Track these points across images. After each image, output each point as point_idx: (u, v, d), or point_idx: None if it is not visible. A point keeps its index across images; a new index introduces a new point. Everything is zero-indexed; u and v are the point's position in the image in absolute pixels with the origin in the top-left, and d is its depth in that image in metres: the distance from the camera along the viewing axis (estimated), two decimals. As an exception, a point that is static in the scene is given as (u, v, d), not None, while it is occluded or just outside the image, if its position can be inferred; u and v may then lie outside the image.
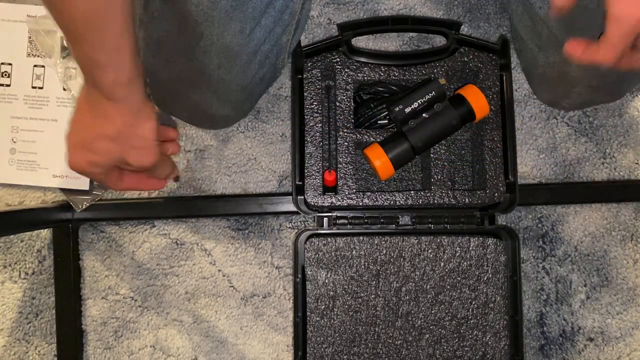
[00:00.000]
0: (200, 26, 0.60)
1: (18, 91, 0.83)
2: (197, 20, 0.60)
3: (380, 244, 0.74)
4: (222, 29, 0.61)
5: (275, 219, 0.83)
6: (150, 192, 0.84)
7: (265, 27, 0.64)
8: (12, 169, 0.83)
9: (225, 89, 0.68)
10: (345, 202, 0.74)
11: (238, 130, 0.84)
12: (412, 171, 0.78)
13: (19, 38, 0.83)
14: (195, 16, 0.59)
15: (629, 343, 0.82)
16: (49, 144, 0.82)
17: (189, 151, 0.84)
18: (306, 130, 0.74)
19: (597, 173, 0.83)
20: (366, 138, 0.74)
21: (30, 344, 0.84)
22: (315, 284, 0.74)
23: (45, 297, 0.84)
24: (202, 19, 0.60)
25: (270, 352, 0.83)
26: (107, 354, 0.83)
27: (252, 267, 0.83)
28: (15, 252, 0.84)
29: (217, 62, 0.64)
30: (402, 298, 0.74)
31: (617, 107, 0.84)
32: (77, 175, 0.82)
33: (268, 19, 0.64)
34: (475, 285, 0.74)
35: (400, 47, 0.84)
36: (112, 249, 0.84)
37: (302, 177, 0.74)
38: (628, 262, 0.83)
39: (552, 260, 0.82)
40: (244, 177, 0.84)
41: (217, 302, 0.83)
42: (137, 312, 0.83)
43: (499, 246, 0.74)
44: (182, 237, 0.84)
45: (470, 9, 0.84)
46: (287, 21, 0.67)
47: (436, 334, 0.74)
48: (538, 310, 0.82)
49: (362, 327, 0.74)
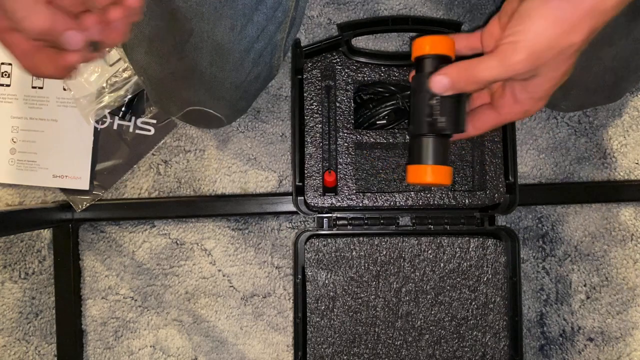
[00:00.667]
0: (190, 22, 0.60)
1: (18, 91, 0.83)
2: (187, 16, 0.60)
3: (380, 244, 0.74)
4: (212, 26, 0.61)
5: (275, 219, 0.83)
6: (150, 192, 0.84)
7: (257, 24, 0.64)
8: (12, 169, 0.83)
9: (218, 87, 0.68)
10: (345, 203, 0.74)
11: (238, 130, 0.84)
12: (412, 171, 0.78)
13: (18, 38, 0.82)
14: (185, 12, 0.59)
15: (629, 343, 0.82)
16: (49, 144, 0.82)
17: (189, 151, 0.84)
18: (306, 130, 0.74)
19: (597, 173, 0.83)
20: (366, 138, 0.74)
21: (30, 344, 0.84)
22: (315, 284, 0.74)
23: (45, 297, 0.84)
24: (192, 15, 0.60)
25: (270, 352, 0.83)
26: (107, 354, 0.83)
27: (252, 267, 0.83)
28: (15, 252, 0.84)
29: (209, 59, 0.64)
30: (402, 299, 0.75)
31: (617, 107, 0.83)
32: (78, 175, 0.83)
33: (260, 15, 0.63)
34: (475, 285, 0.74)
35: (400, 47, 0.83)
36: (112, 249, 0.84)
37: (302, 178, 0.74)
38: (628, 262, 0.83)
39: (552, 260, 0.83)
40: (244, 177, 0.84)
41: (217, 302, 0.83)
42: (137, 312, 0.83)
43: (499, 247, 0.74)
44: (182, 237, 0.84)
45: (470, 9, 0.83)
46: (280, 19, 0.67)
47: (436, 334, 0.75)
48: (538, 310, 0.82)
49: (362, 328, 0.74)
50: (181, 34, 0.61)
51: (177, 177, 0.84)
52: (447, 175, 0.59)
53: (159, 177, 0.84)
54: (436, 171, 0.58)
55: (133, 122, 0.83)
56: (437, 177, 0.58)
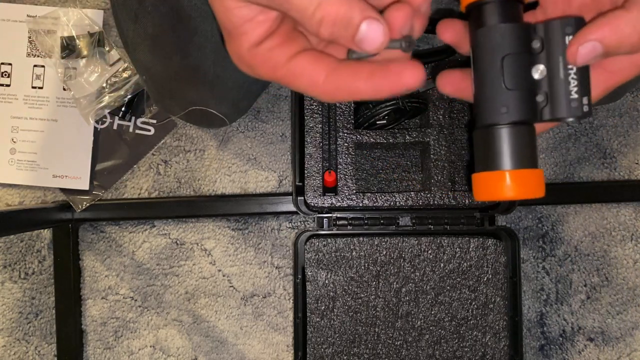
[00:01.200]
0: (194, 21, 0.60)
1: (18, 91, 0.83)
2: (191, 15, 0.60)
3: (380, 244, 0.74)
4: (215, 25, 0.61)
5: (275, 219, 0.83)
6: (150, 192, 0.84)
7: None
8: (12, 169, 0.83)
9: (221, 86, 0.67)
10: (345, 203, 0.73)
11: (238, 130, 0.84)
12: (412, 172, 0.78)
13: (18, 38, 0.82)
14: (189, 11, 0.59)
15: (629, 343, 0.82)
16: (49, 144, 0.82)
17: (189, 151, 0.84)
18: (306, 130, 0.74)
19: (597, 173, 0.83)
20: (366, 138, 0.74)
21: (30, 344, 0.84)
22: (316, 284, 0.74)
23: (45, 297, 0.84)
24: (196, 14, 0.60)
25: (270, 352, 0.83)
26: (107, 354, 0.83)
27: (252, 267, 0.83)
28: (15, 252, 0.84)
29: (213, 58, 0.64)
30: (402, 299, 0.74)
31: (617, 107, 0.83)
32: (78, 175, 0.83)
33: None
34: (475, 285, 0.74)
35: (400, 47, 0.83)
36: (112, 249, 0.84)
37: (302, 178, 0.74)
38: (628, 262, 0.83)
39: (552, 260, 0.82)
40: (244, 177, 0.84)
41: (217, 302, 0.83)
42: (137, 312, 0.83)
43: (499, 247, 0.74)
44: (182, 237, 0.84)
45: (470, 9, 0.83)
46: None
47: (436, 334, 0.74)
48: (538, 310, 0.82)
49: (362, 328, 0.74)
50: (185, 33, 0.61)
51: (177, 177, 0.84)
52: (538, 182, 0.37)
53: (159, 177, 0.84)
54: (522, 178, 0.37)
55: (133, 122, 0.83)
56: (523, 188, 0.37)
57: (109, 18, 0.83)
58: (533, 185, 0.37)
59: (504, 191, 0.37)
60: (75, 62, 0.81)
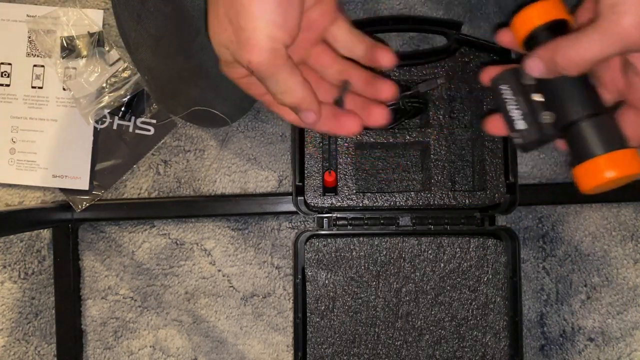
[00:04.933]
0: (197, 22, 0.60)
1: (18, 91, 0.83)
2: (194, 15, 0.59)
3: (380, 244, 0.74)
4: None
5: (275, 219, 0.83)
6: (150, 192, 0.84)
7: None
8: (12, 169, 0.83)
9: (224, 86, 0.67)
10: (345, 203, 0.73)
11: (238, 130, 0.84)
12: (412, 171, 0.78)
13: (18, 38, 0.82)
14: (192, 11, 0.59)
15: (629, 343, 0.82)
16: (49, 144, 0.82)
17: (188, 151, 0.84)
18: (306, 130, 0.74)
19: (598, 173, 0.83)
20: (366, 138, 0.74)
21: (30, 344, 0.84)
22: (315, 284, 0.74)
23: (45, 297, 0.84)
24: (199, 14, 0.59)
25: (270, 352, 0.83)
26: (107, 354, 0.83)
27: (252, 267, 0.83)
28: (15, 252, 0.84)
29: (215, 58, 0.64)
30: (402, 299, 0.74)
31: (618, 107, 0.83)
32: (77, 175, 0.83)
33: None
34: (475, 286, 0.74)
35: (400, 47, 0.83)
36: (112, 249, 0.84)
37: (302, 178, 0.74)
38: (628, 262, 0.83)
39: (552, 260, 0.82)
40: (243, 177, 0.84)
41: (217, 302, 0.83)
42: (136, 312, 0.83)
43: (499, 247, 0.74)
44: (182, 237, 0.84)
45: (470, 9, 0.83)
46: None
47: (436, 334, 0.74)
48: (538, 310, 0.82)
49: (362, 328, 0.74)
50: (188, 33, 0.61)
51: (177, 177, 0.84)
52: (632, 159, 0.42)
53: (159, 177, 0.84)
54: (615, 159, 0.42)
55: (133, 122, 0.83)
56: (619, 168, 0.42)
57: (109, 18, 0.83)
58: (627, 163, 0.42)
59: (603, 174, 0.42)
60: (75, 62, 0.81)
